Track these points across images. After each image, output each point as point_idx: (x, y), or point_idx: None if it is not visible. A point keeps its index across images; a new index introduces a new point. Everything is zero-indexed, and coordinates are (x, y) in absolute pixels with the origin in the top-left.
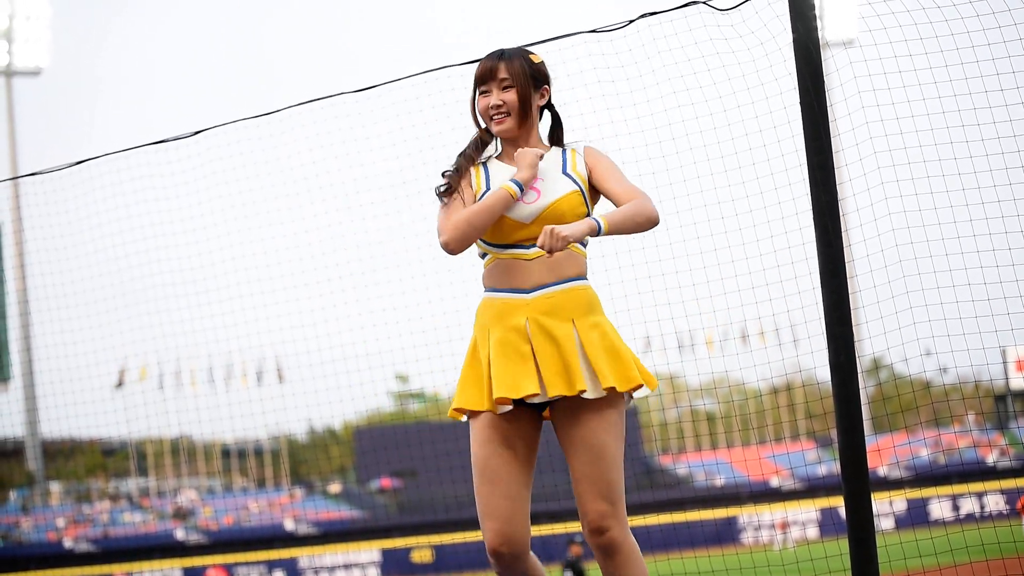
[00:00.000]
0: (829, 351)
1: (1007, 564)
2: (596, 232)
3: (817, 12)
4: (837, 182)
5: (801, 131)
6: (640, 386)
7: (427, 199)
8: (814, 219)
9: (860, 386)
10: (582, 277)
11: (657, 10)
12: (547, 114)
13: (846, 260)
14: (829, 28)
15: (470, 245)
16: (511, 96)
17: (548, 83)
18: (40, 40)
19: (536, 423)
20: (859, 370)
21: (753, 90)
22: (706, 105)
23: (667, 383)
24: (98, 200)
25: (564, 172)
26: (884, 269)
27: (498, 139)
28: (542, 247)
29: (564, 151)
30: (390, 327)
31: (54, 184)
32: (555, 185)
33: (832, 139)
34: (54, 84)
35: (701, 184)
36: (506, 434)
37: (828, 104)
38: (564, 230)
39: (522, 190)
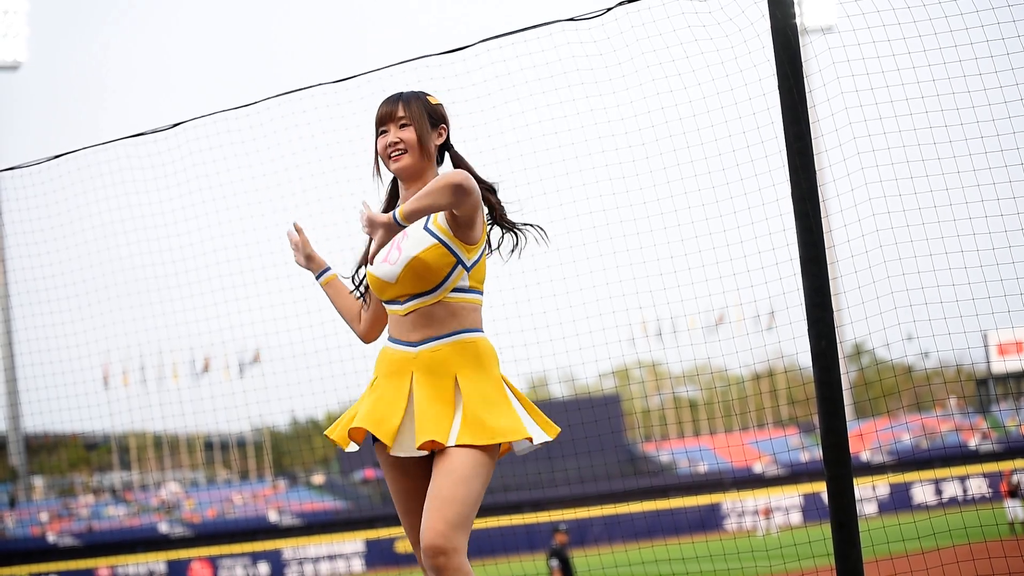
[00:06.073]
0: (810, 337)
1: (990, 547)
2: (395, 223)
3: None
4: (817, 168)
5: (780, 118)
6: (505, 445)
7: None
8: (794, 205)
9: (842, 371)
10: (469, 330)
11: None
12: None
13: (827, 246)
14: (808, 14)
15: (359, 330)
16: (408, 134)
17: (446, 123)
18: (18, 35)
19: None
20: (841, 355)
21: (732, 77)
22: (685, 92)
23: (649, 371)
24: (78, 194)
25: (425, 227)
26: (865, 254)
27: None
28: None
29: None
30: None
31: (33, 178)
32: (415, 242)
33: (811, 125)
34: (32, 79)
35: (681, 171)
36: (412, 476)
37: (807, 91)
38: (375, 217)
39: (321, 273)
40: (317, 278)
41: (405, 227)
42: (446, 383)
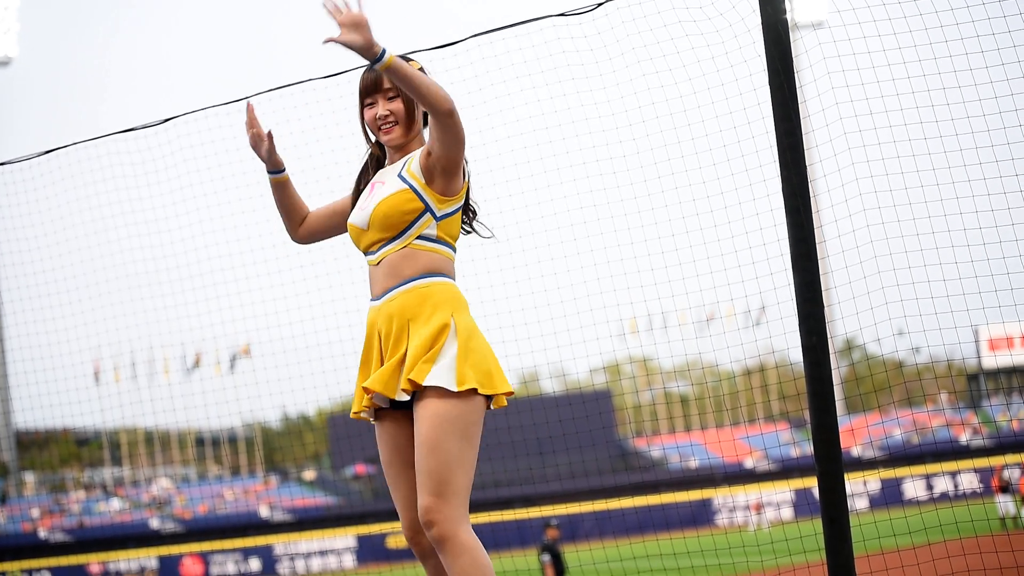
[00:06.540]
0: (801, 332)
1: (981, 542)
2: (377, 51)
3: None
4: (807, 163)
5: (771, 113)
6: (468, 392)
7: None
8: (785, 200)
9: (833, 367)
10: (428, 275)
11: None
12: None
13: (817, 241)
14: (798, 10)
15: (295, 232)
16: (397, 105)
17: None
18: (9, 30)
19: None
20: (831, 351)
21: (722, 72)
22: (676, 88)
23: (640, 366)
24: (68, 189)
25: (399, 175)
26: (856, 249)
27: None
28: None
29: (410, 155)
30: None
31: (23, 174)
32: (387, 187)
33: (802, 120)
34: (23, 74)
35: (672, 166)
36: (392, 434)
37: (797, 86)
38: (363, 20)
39: (277, 171)
40: (270, 172)
41: (381, 60)
42: (401, 335)
